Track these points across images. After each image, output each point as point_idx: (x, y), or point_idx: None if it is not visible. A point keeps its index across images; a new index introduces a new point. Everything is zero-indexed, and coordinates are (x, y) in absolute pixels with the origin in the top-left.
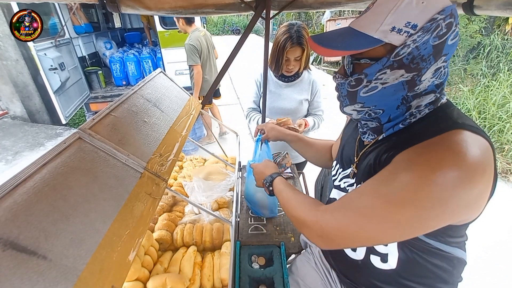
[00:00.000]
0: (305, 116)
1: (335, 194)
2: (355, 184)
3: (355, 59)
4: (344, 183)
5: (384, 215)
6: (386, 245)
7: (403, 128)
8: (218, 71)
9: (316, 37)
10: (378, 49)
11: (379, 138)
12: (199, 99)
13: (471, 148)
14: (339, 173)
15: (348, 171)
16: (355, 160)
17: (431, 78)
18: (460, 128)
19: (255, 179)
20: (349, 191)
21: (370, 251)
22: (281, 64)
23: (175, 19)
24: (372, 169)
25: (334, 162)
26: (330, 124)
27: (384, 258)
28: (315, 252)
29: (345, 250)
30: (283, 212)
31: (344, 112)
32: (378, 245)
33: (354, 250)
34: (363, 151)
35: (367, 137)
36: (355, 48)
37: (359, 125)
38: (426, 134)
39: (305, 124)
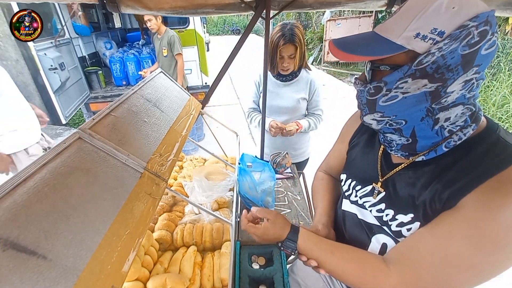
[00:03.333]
0: (305, 115)
1: (353, 208)
2: (389, 210)
3: (375, 65)
4: (364, 202)
5: (474, 263)
6: None
7: (450, 152)
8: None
9: (337, 41)
10: (400, 56)
11: (417, 160)
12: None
13: None
14: (353, 188)
15: (368, 188)
16: (380, 179)
17: (460, 90)
18: None
19: (259, 238)
20: (372, 211)
21: None
22: (276, 62)
23: (147, 17)
24: (428, 206)
25: (344, 176)
26: (330, 124)
27: None
28: None
29: None
30: (282, 212)
31: (364, 122)
32: None
33: None
34: (394, 171)
35: (396, 152)
36: (375, 54)
37: (381, 138)
38: (490, 167)
39: (297, 126)
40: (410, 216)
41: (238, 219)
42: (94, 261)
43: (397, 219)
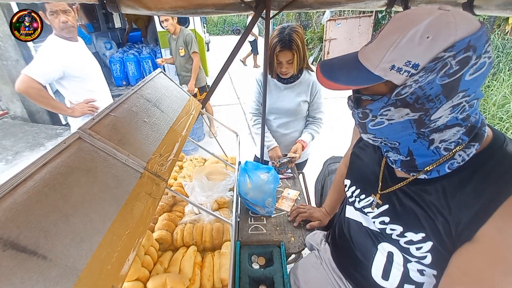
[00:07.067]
0: (307, 116)
1: (358, 216)
2: (396, 226)
3: (357, 94)
4: (367, 212)
5: None
6: (423, 274)
7: (453, 173)
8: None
9: (323, 63)
10: (380, 85)
11: (420, 177)
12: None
13: None
14: (356, 196)
15: (370, 199)
16: (379, 190)
17: (450, 114)
18: None
19: None
20: (375, 223)
21: (405, 280)
22: (274, 67)
23: (163, 17)
24: (442, 230)
25: (348, 181)
26: (330, 124)
27: (419, 287)
28: (325, 260)
29: (374, 276)
30: (283, 212)
31: (364, 138)
32: (414, 273)
33: (386, 278)
34: (399, 185)
35: (397, 167)
36: (356, 83)
37: (383, 151)
38: (502, 187)
39: (302, 147)
40: (421, 235)
41: (238, 219)
42: (94, 261)
43: (406, 236)
